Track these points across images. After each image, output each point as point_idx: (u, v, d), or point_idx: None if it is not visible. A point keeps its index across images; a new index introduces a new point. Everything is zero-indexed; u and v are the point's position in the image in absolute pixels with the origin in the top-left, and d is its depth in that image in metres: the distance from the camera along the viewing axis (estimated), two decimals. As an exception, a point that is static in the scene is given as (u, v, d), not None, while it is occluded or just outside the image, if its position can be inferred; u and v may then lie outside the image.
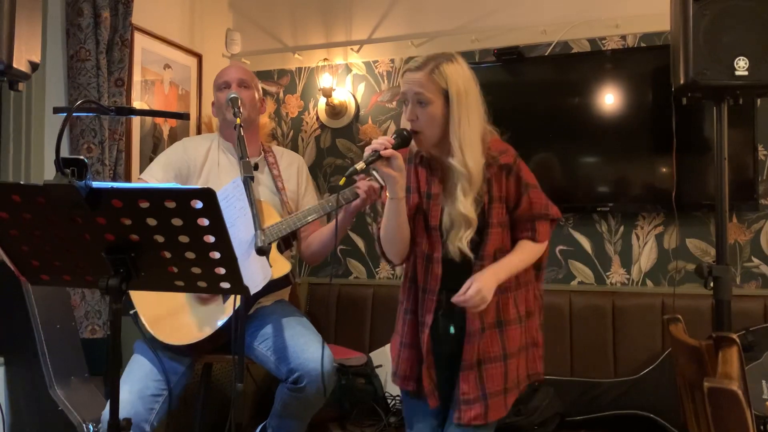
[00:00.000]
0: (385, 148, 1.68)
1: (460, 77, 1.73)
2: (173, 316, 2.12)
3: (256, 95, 2.37)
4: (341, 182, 1.73)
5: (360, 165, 1.68)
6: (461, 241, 1.73)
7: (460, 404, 1.74)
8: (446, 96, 1.72)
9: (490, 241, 1.76)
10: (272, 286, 2.18)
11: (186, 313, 2.13)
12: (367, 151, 1.69)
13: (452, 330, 1.81)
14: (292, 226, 2.20)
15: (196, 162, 2.33)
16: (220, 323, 2.09)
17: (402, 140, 1.74)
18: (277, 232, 2.19)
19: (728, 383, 1.08)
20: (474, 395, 1.74)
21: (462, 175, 1.71)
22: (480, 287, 1.68)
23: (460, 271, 1.76)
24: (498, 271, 1.74)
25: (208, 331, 2.09)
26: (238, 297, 1.81)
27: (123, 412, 1.38)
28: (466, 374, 1.75)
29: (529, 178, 1.81)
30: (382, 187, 2.00)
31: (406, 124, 1.80)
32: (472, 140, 1.72)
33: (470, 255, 1.74)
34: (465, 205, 1.71)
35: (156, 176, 2.28)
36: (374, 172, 1.94)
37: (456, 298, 1.70)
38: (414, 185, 1.84)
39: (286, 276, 2.20)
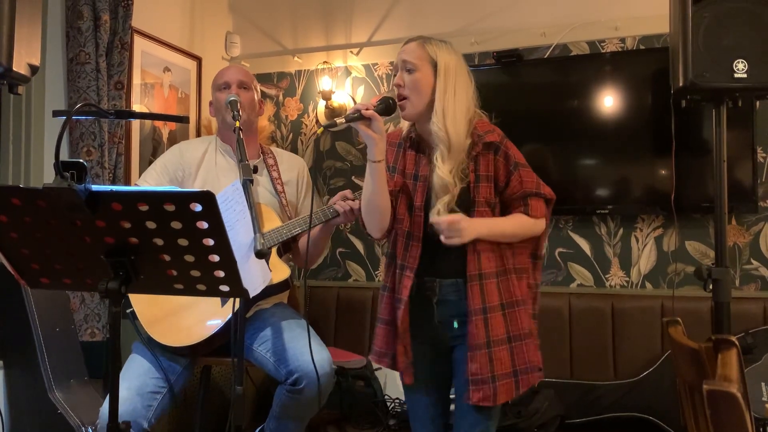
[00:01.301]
0: (367, 109, 1.71)
1: (450, 56, 1.80)
2: (171, 318, 2.12)
3: (256, 97, 2.37)
4: (319, 131, 1.80)
5: (340, 120, 1.72)
6: (443, 210, 1.74)
7: (469, 384, 1.75)
8: (434, 68, 1.77)
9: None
10: (272, 290, 2.19)
11: (184, 314, 2.13)
12: (350, 110, 1.74)
13: (456, 325, 1.81)
14: (292, 231, 2.20)
15: (191, 165, 2.32)
16: (217, 325, 2.09)
17: (385, 106, 1.77)
18: (277, 237, 2.19)
19: (727, 386, 1.08)
20: (484, 376, 1.74)
21: (441, 140, 1.75)
22: (460, 219, 1.70)
23: (444, 253, 1.78)
24: (480, 224, 1.74)
25: (205, 334, 2.09)
26: (238, 300, 1.81)
27: (121, 409, 1.37)
28: (475, 354, 1.74)
29: (518, 158, 1.82)
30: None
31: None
32: (455, 112, 1.76)
33: None
34: (443, 170, 1.74)
35: (150, 183, 2.28)
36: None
37: (433, 219, 1.73)
38: (400, 167, 1.87)
39: (286, 281, 2.21)
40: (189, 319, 2.12)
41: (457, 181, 1.76)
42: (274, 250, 2.22)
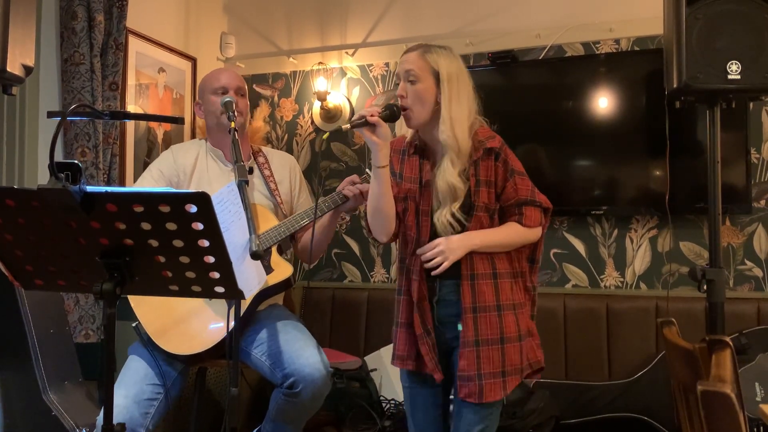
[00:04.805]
0: (372, 116, 1.74)
1: (452, 64, 1.82)
2: (180, 325, 2.10)
3: (248, 104, 2.40)
4: (324, 137, 1.86)
5: (345, 126, 1.76)
6: (448, 214, 1.78)
7: (458, 380, 1.79)
8: (437, 78, 1.80)
9: (473, 224, 1.80)
10: (277, 288, 2.20)
11: (192, 321, 2.11)
12: (356, 116, 1.77)
13: (460, 327, 1.82)
14: (290, 229, 2.20)
15: (185, 170, 2.32)
16: (230, 327, 2.08)
17: (390, 113, 1.79)
18: (275, 236, 2.18)
19: (721, 386, 1.08)
20: (471, 373, 1.77)
21: (451, 147, 1.77)
22: (441, 242, 1.77)
23: None
24: (472, 236, 1.79)
25: (218, 337, 2.08)
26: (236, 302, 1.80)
27: (118, 417, 1.37)
28: (463, 351, 1.78)
29: (515, 165, 1.85)
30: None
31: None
32: (461, 118, 1.79)
33: (458, 228, 1.79)
34: (452, 174, 1.77)
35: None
36: (368, 171, 2.07)
37: (418, 251, 1.80)
38: (407, 174, 1.90)
39: (289, 279, 2.21)
40: (197, 325, 2.11)
41: (463, 183, 1.79)
42: (274, 249, 2.22)
